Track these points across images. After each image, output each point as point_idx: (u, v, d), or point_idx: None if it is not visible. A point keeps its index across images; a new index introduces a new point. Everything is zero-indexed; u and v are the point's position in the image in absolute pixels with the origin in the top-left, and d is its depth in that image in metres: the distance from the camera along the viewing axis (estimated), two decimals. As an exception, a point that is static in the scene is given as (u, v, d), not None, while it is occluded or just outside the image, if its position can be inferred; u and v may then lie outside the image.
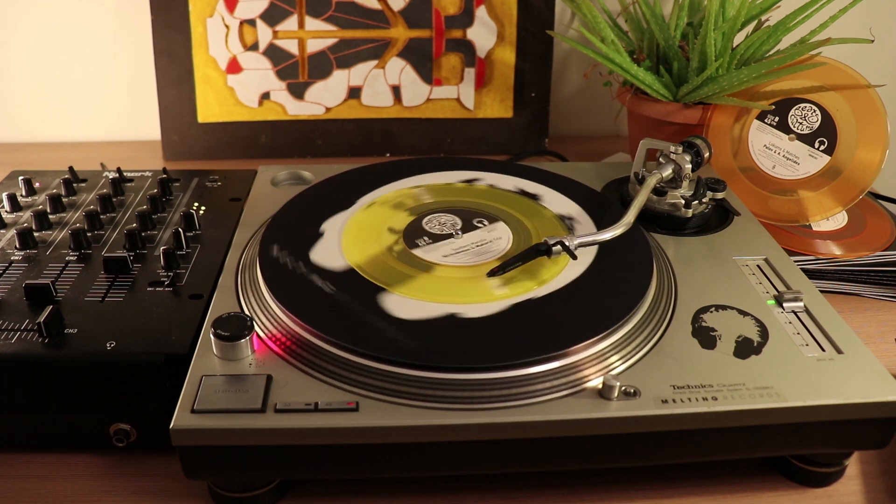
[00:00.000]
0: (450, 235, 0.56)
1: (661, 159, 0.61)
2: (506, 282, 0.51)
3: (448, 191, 0.63)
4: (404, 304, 0.48)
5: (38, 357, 0.46)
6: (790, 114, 0.70)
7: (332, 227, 0.57)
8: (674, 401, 0.43)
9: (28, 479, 0.48)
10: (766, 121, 0.71)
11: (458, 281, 0.51)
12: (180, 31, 0.89)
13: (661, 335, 0.48)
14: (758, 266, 0.56)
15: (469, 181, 0.65)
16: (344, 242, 0.55)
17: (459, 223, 0.58)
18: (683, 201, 0.60)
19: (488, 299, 0.49)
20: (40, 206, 0.63)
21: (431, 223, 0.58)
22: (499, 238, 0.56)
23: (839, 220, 0.71)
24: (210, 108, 0.92)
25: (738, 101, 0.71)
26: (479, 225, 0.57)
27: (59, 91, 0.98)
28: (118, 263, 0.54)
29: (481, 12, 0.92)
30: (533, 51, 0.94)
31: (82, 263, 0.56)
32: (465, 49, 0.93)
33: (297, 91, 0.93)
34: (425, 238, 0.56)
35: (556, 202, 0.62)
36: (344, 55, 0.92)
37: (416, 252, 0.54)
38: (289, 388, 0.43)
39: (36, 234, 0.59)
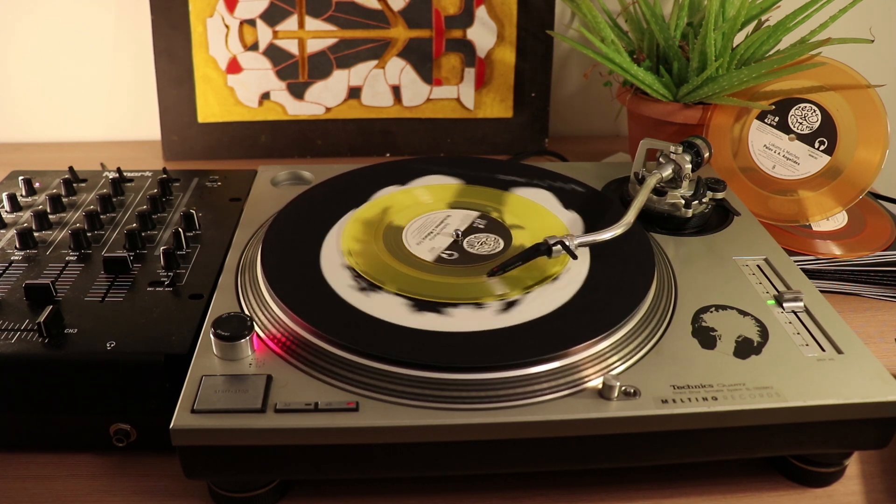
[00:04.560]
0: (452, 235, 0.56)
1: (661, 159, 0.61)
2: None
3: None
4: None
5: (38, 357, 0.46)
6: (790, 114, 0.70)
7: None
8: (674, 401, 0.43)
9: (28, 479, 0.48)
10: (766, 121, 0.71)
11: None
12: (180, 31, 0.89)
13: (661, 335, 0.48)
14: (758, 266, 0.56)
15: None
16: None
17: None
18: (683, 201, 0.60)
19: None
20: (40, 206, 0.63)
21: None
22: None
23: (839, 220, 0.71)
24: (210, 108, 0.92)
25: (738, 101, 0.71)
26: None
27: (60, 91, 0.98)
28: (118, 263, 0.54)
29: (481, 12, 0.92)
30: (533, 51, 0.94)
31: (82, 263, 0.56)
32: (465, 49, 0.93)
33: (297, 91, 0.93)
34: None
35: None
36: (344, 55, 0.92)
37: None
38: (289, 388, 0.43)
39: (36, 234, 0.59)
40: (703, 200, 0.61)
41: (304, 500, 0.47)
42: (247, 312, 0.49)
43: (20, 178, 0.66)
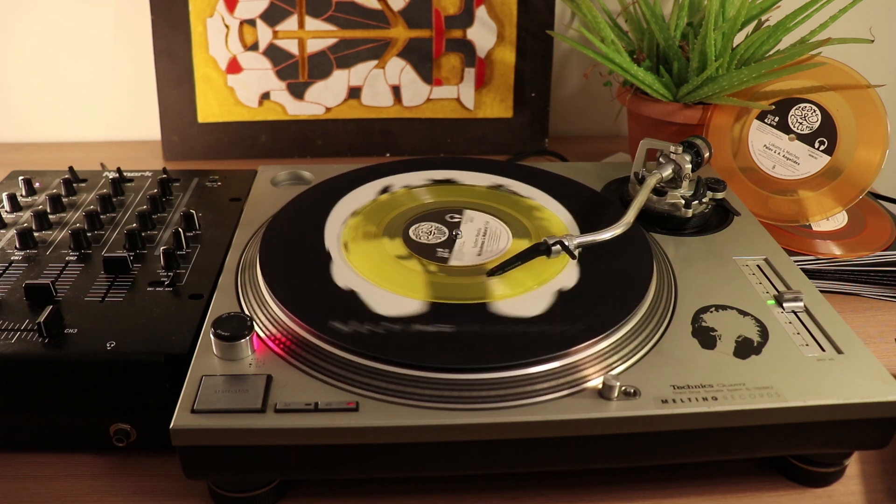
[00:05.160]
0: (451, 235, 0.56)
1: (661, 159, 0.61)
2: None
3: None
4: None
5: (38, 357, 0.46)
6: (790, 114, 0.70)
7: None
8: (674, 401, 0.43)
9: (28, 479, 0.48)
10: (766, 121, 0.71)
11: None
12: (180, 31, 0.89)
13: (661, 335, 0.48)
14: (758, 266, 0.56)
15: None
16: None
17: (462, 224, 0.58)
18: (683, 201, 0.60)
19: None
20: (40, 206, 0.63)
21: (433, 222, 0.58)
22: (499, 237, 0.56)
23: (839, 220, 0.71)
24: (210, 108, 0.92)
25: (738, 101, 0.71)
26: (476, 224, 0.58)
27: (60, 91, 0.98)
28: (118, 263, 0.54)
29: (481, 12, 0.92)
30: (533, 51, 0.94)
31: (82, 263, 0.56)
32: (465, 49, 0.93)
33: (297, 91, 0.93)
34: (426, 236, 0.56)
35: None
36: (344, 55, 0.92)
37: (410, 246, 0.54)
38: (289, 388, 0.43)
39: (36, 234, 0.59)
40: (703, 200, 0.61)
41: (304, 500, 0.47)
42: (247, 312, 0.49)
43: (20, 178, 0.66)
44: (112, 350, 0.46)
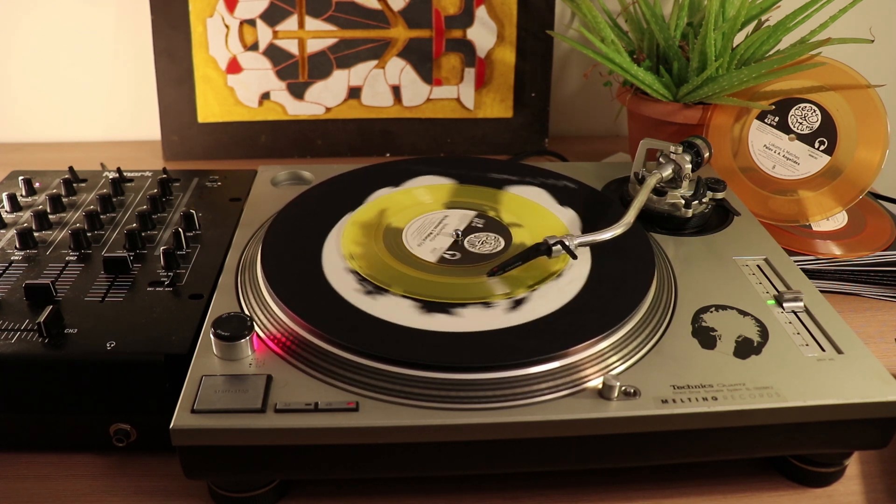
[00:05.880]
0: (451, 235, 0.56)
1: (661, 159, 0.61)
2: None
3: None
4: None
5: (38, 357, 0.46)
6: (790, 114, 0.70)
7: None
8: (674, 401, 0.43)
9: (28, 479, 0.48)
10: (766, 121, 0.71)
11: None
12: (180, 31, 0.89)
13: (661, 335, 0.48)
14: (758, 266, 0.56)
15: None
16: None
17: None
18: (683, 201, 0.60)
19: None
20: (40, 206, 0.63)
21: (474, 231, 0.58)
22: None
23: (839, 220, 0.71)
24: (210, 108, 0.92)
25: (738, 101, 0.71)
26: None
27: (60, 91, 0.98)
28: (118, 263, 0.54)
29: (481, 12, 0.92)
30: (533, 51, 0.94)
31: (82, 263, 0.56)
32: (465, 49, 0.93)
33: (297, 91, 0.93)
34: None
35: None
36: (344, 55, 0.92)
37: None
38: (289, 388, 0.43)
39: (36, 234, 0.59)
40: (703, 200, 0.61)
41: (304, 500, 0.47)
42: (247, 312, 0.49)
43: (20, 178, 0.66)
44: (112, 350, 0.46)
